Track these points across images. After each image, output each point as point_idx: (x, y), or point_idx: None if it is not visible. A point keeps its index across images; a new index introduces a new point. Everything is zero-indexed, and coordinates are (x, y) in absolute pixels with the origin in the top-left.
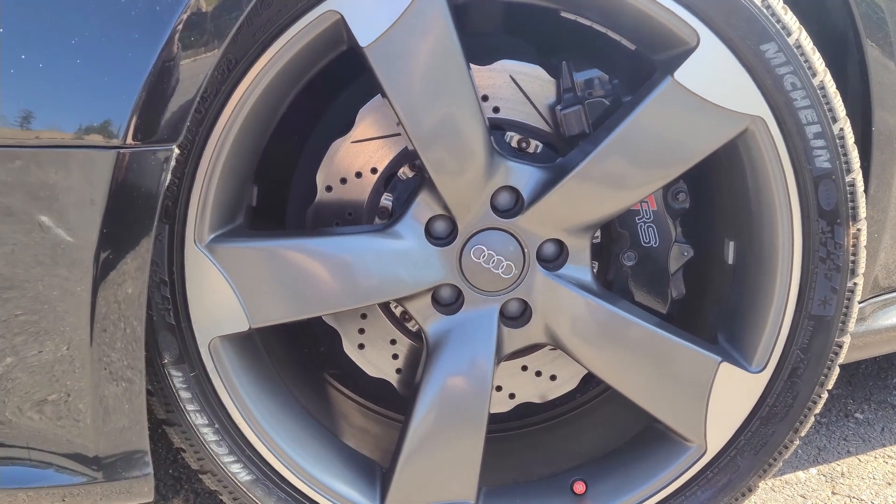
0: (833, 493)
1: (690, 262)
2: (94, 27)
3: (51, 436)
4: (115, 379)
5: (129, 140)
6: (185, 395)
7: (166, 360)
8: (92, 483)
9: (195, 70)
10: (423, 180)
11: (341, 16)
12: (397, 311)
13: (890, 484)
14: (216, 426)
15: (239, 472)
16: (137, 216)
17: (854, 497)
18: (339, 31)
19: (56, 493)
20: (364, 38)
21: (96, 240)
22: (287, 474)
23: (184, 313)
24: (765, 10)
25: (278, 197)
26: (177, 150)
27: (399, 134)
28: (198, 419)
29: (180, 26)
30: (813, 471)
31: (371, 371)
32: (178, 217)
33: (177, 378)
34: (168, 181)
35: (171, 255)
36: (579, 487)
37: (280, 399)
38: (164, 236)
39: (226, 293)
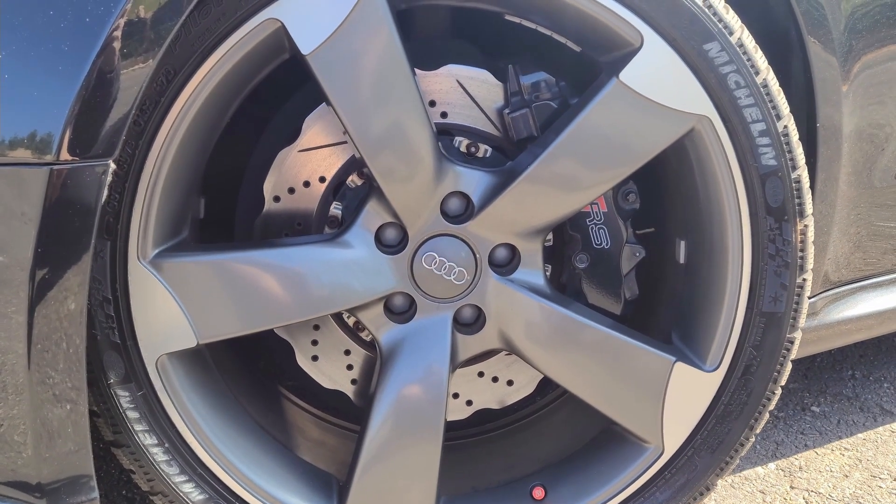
0: (791, 487)
1: (643, 262)
2: (23, 41)
3: None
4: (56, 402)
5: (63, 156)
6: (132, 415)
7: (112, 380)
8: None
9: (129, 82)
10: (371, 188)
11: (282, 24)
12: (350, 321)
13: (847, 476)
14: (166, 446)
15: (191, 491)
16: (74, 234)
17: (812, 491)
18: (281, 39)
19: None
20: (305, 46)
21: (31, 258)
22: (241, 492)
23: (129, 331)
24: (706, 10)
25: (227, 208)
26: (113, 166)
27: (347, 142)
28: (146, 439)
29: (113, 37)
30: (771, 466)
31: (326, 383)
32: (119, 233)
33: (124, 398)
34: (105, 197)
35: (113, 271)
36: (538, 492)
37: (232, 415)
38: (105, 253)
39: (172, 309)
